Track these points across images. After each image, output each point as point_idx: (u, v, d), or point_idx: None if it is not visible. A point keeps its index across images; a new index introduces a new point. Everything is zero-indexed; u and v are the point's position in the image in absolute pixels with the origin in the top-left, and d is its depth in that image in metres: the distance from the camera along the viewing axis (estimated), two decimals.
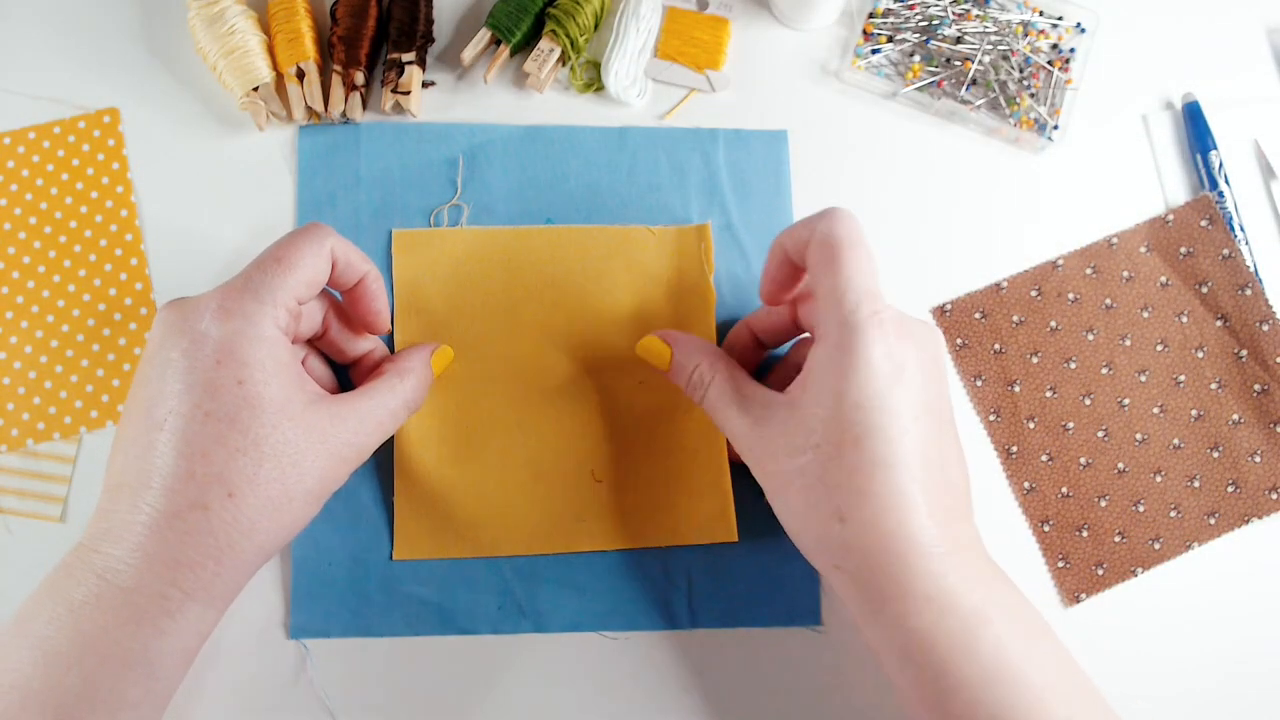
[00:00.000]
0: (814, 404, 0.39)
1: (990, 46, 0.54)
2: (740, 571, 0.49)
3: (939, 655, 0.37)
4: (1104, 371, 0.52)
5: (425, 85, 0.53)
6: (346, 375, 0.49)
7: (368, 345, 0.48)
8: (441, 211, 0.51)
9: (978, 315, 0.53)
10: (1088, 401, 0.52)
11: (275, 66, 0.51)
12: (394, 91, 0.51)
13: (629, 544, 0.48)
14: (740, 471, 0.47)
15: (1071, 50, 0.55)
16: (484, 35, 0.53)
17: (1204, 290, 0.53)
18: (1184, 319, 0.53)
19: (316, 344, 0.47)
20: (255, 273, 0.39)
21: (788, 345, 0.49)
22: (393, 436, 0.48)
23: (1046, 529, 0.50)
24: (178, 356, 0.38)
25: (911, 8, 0.55)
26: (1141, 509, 0.51)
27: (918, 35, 0.54)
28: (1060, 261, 0.53)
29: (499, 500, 0.48)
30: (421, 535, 0.48)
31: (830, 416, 0.38)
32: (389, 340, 0.50)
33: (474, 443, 0.49)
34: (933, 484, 0.38)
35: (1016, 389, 0.52)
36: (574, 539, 0.48)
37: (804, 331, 0.46)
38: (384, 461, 0.49)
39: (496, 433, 0.49)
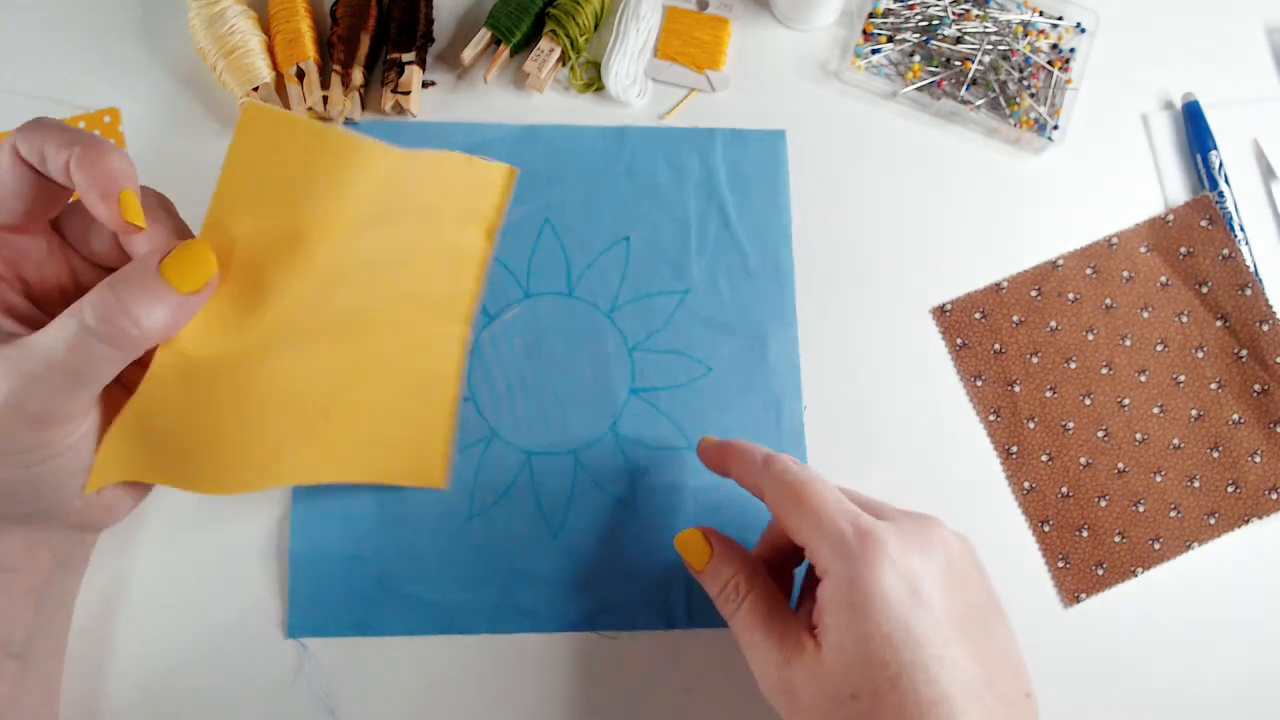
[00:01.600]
0: (839, 649, 0.35)
1: (990, 46, 0.54)
2: None
3: None
4: (1104, 371, 0.52)
5: (425, 85, 0.53)
6: None
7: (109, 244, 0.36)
8: None
9: (978, 315, 0.53)
10: (1088, 401, 0.52)
11: (275, 66, 0.51)
12: (394, 91, 0.51)
13: (335, 478, 0.45)
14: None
15: (1071, 50, 0.55)
16: (484, 35, 0.53)
17: (1204, 290, 0.53)
18: (1184, 319, 0.53)
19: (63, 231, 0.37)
20: None
21: None
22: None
23: (1046, 529, 0.50)
24: None
25: (911, 8, 0.55)
26: (1141, 509, 0.51)
27: (918, 35, 0.54)
28: (1060, 261, 0.53)
29: (222, 433, 0.40)
30: (125, 457, 0.38)
31: (859, 661, 0.35)
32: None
33: (222, 368, 0.39)
34: (986, 701, 0.35)
35: (1016, 389, 0.52)
36: (281, 473, 0.43)
37: None
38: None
39: (244, 363, 0.39)
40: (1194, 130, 0.54)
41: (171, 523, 0.47)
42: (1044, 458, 0.51)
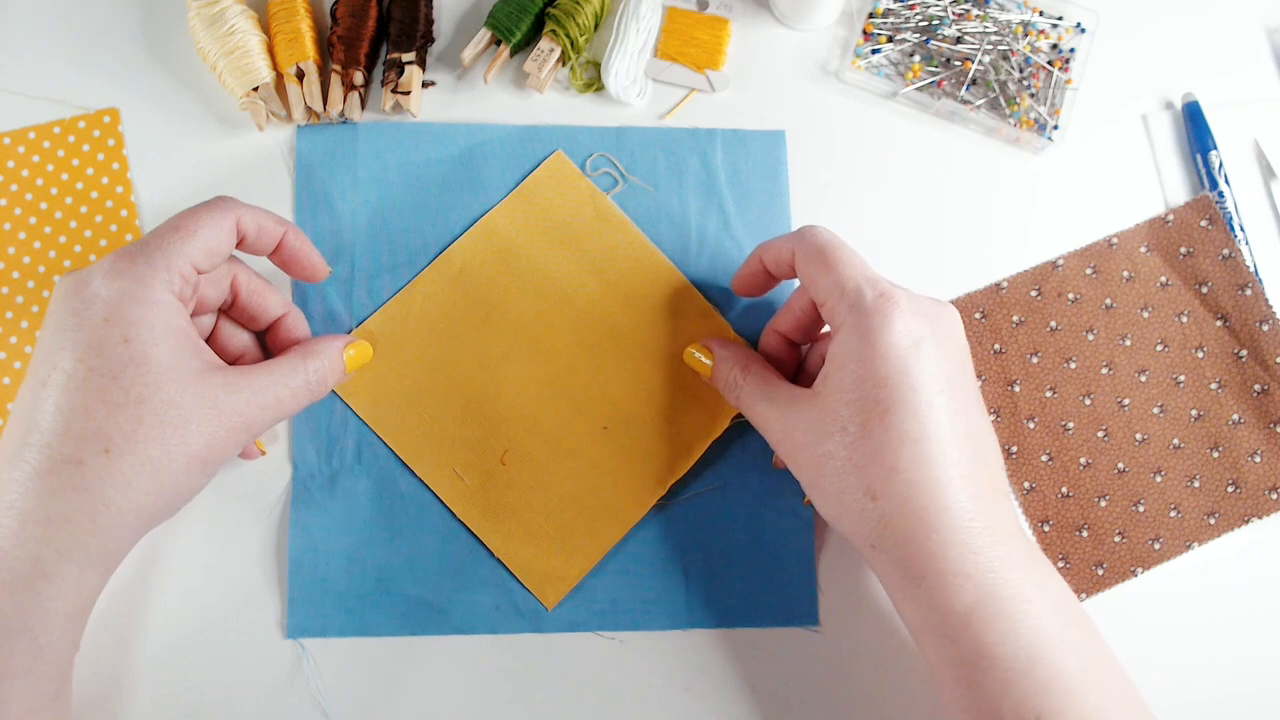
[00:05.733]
0: (837, 389, 0.39)
1: (990, 46, 0.54)
2: (739, 572, 0.49)
3: (976, 634, 0.37)
4: (1104, 371, 0.52)
5: (425, 85, 0.53)
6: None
7: (277, 311, 0.47)
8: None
9: (978, 315, 0.52)
10: (1088, 401, 0.52)
11: (275, 66, 0.51)
12: (394, 91, 0.51)
13: (478, 528, 0.49)
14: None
15: (1071, 50, 0.55)
16: (484, 35, 0.53)
17: (1204, 290, 0.53)
18: (1184, 319, 0.53)
19: (230, 314, 0.47)
20: (152, 238, 0.40)
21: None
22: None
23: (1046, 529, 0.50)
24: (68, 316, 0.38)
25: (911, 8, 0.55)
26: (1141, 509, 0.51)
27: (918, 35, 0.54)
28: (1060, 261, 0.53)
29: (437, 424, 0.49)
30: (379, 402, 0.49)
31: (854, 398, 0.39)
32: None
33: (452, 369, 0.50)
34: (964, 458, 0.38)
35: (1016, 389, 0.52)
36: (449, 493, 0.49)
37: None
38: (382, 460, 0.49)
39: (472, 372, 0.50)
40: (1194, 130, 0.54)
41: (171, 524, 0.47)
42: (1044, 458, 0.51)
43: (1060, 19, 0.55)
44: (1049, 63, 0.54)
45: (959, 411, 0.39)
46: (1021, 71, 0.54)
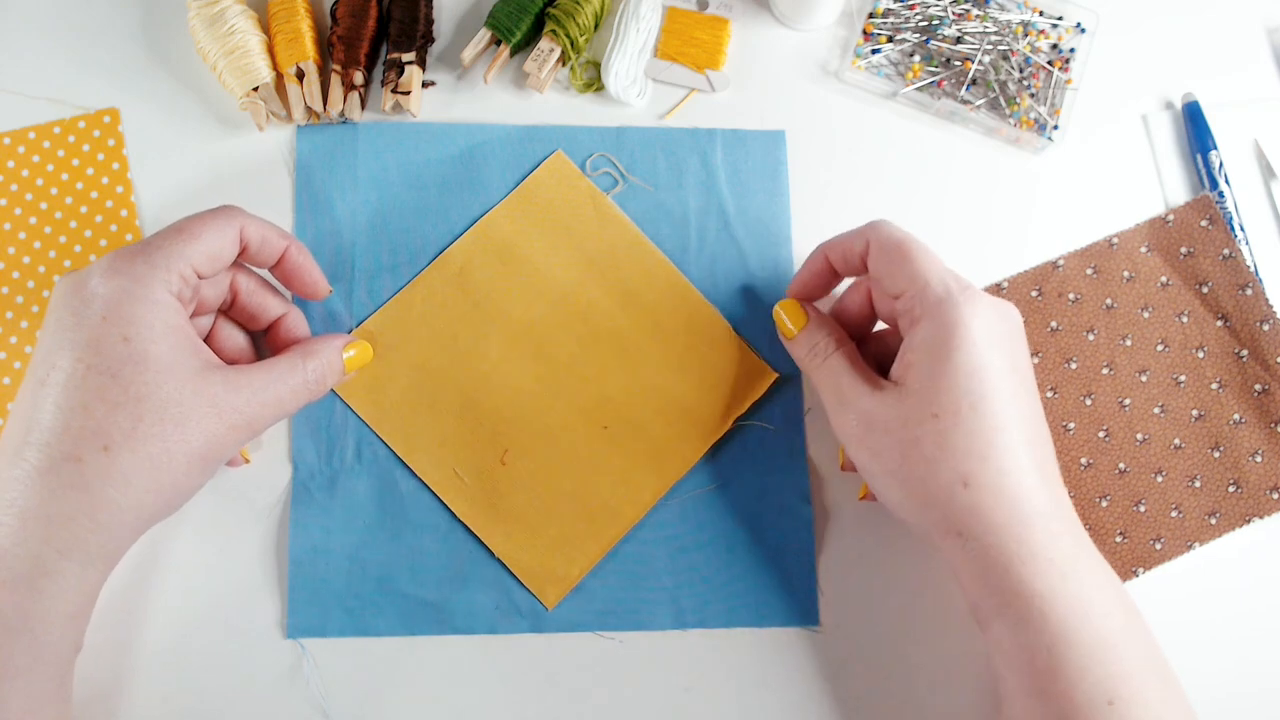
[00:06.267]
0: (927, 377, 0.40)
1: (990, 46, 0.54)
2: (739, 572, 0.49)
3: (1059, 619, 0.38)
4: (1105, 372, 0.52)
5: (425, 85, 0.53)
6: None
7: (276, 311, 0.47)
8: None
9: None
10: (1088, 402, 0.52)
11: (275, 66, 0.51)
12: (394, 91, 0.51)
13: (477, 527, 0.48)
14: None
15: (1071, 50, 0.55)
16: (484, 35, 0.53)
17: (1204, 290, 0.53)
18: (1184, 319, 0.53)
19: (229, 314, 0.47)
20: (154, 239, 0.40)
21: None
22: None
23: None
24: (67, 315, 0.38)
25: (911, 8, 0.55)
26: (1142, 509, 0.51)
27: (918, 35, 0.54)
28: (1061, 261, 0.53)
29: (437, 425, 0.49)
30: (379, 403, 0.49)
31: (946, 386, 0.40)
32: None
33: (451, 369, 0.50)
34: (1036, 446, 0.40)
35: None
36: (451, 496, 0.49)
37: (878, 321, 0.47)
38: (382, 460, 0.49)
39: (468, 373, 0.50)
40: (1194, 130, 0.54)
41: (171, 523, 0.47)
42: None
43: (1060, 19, 0.55)
44: (1049, 63, 0.54)
45: (1026, 400, 0.41)
46: (1021, 71, 0.54)
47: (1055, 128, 0.54)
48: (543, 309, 0.50)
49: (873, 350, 0.48)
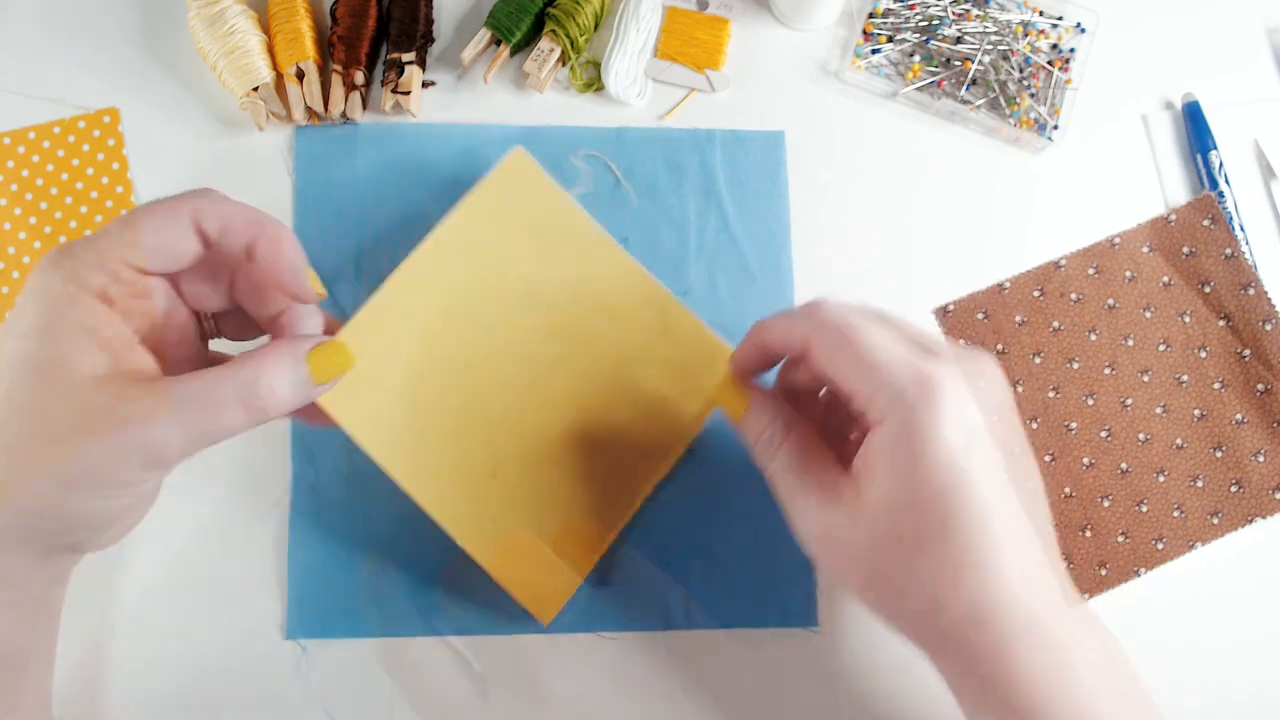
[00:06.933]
0: (888, 494, 0.35)
1: (990, 46, 0.54)
2: (738, 573, 0.49)
3: (1039, 712, 0.35)
4: (1107, 371, 0.52)
5: (425, 85, 0.53)
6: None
7: (276, 307, 0.40)
8: None
9: (980, 316, 0.52)
10: (1090, 401, 0.52)
11: (275, 66, 0.51)
12: (394, 91, 0.51)
13: (468, 545, 0.46)
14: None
15: (1071, 50, 0.55)
16: (484, 35, 0.53)
17: (1207, 290, 0.53)
18: (1187, 319, 0.52)
19: (231, 319, 0.42)
20: (104, 229, 0.36)
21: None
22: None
23: (1049, 529, 0.50)
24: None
25: (911, 8, 0.55)
26: (1144, 509, 0.50)
27: (918, 35, 0.54)
28: (1062, 262, 0.53)
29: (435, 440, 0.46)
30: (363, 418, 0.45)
31: (908, 505, 0.35)
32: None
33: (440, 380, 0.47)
34: (1023, 547, 0.36)
35: (1019, 389, 0.51)
36: (438, 507, 0.46)
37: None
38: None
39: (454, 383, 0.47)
40: (1194, 130, 0.54)
41: (171, 524, 0.47)
42: (1047, 458, 0.51)
43: (1060, 19, 0.55)
44: (1049, 63, 0.54)
45: (1013, 495, 0.36)
46: (1021, 71, 0.54)
47: (1055, 128, 0.53)
48: (515, 315, 0.47)
49: (833, 422, 0.43)
